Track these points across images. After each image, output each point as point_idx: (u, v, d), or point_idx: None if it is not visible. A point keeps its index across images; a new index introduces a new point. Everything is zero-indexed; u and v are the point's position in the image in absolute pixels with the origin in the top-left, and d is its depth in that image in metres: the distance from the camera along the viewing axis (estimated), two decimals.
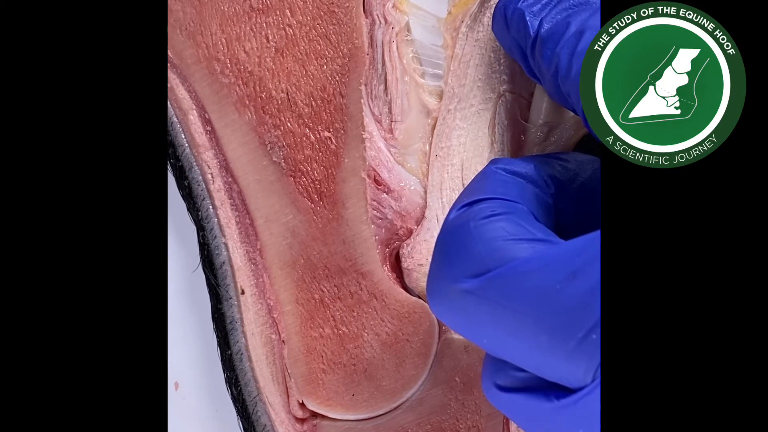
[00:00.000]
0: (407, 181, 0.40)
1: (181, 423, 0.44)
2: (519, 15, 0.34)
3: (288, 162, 0.40)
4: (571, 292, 0.26)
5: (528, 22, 0.33)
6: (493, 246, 0.29)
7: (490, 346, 0.30)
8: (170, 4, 0.40)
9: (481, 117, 0.39)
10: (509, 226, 0.29)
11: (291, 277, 0.40)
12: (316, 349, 0.40)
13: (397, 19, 0.40)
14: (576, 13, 0.32)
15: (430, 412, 0.40)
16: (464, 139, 0.39)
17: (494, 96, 0.39)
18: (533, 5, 0.34)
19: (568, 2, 0.33)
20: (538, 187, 0.32)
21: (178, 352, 0.43)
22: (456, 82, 0.39)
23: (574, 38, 0.31)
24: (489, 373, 0.31)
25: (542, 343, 0.27)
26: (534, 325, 0.27)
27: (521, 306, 0.28)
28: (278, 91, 0.40)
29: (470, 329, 0.30)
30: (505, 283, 0.28)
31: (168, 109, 0.41)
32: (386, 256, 0.40)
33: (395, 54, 0.39)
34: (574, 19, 0.32)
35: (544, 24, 0.33)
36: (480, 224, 0.30)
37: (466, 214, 0.31)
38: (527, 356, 0.28)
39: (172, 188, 0.42)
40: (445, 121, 0.39)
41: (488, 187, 0.32)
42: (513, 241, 0.29)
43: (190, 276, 0.43)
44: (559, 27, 0.32)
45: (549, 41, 0.32)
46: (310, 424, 0.41)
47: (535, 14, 0.34)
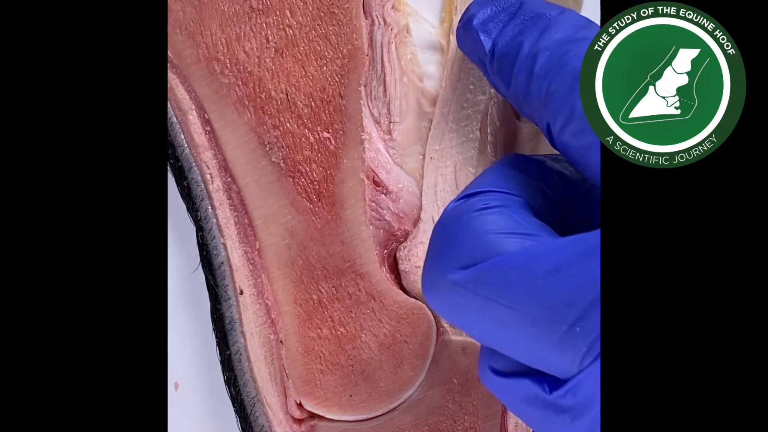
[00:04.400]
0: (405, 182, 0.40)
1: (180, 423, 0.43)
2: (474, 34, 0.34)
3: (287, 162, 0.40)
4: (555, 287, 0.27)
5: (483, 42, 0.34)
6: (483, 239, 0.29)
7: (479, 337, 0.30)
8: (170, 3, 0.40)
9: (472, 119, 0.39)
10: (501, 219, 0.30)
11: (289, 278, 0.40)
12: (314, 349, 0.40)
13: (396, 21, 0.40)
14: (528, 31, 0.32)
15: (428, 413, 0.40)
16: (456, 141, 0.39)
17: (485, 98, 0.39)
18: (486, 23, 0.34)
19: (519, 18, 0.33)
20: (544, 184, 0.32)
21: (178, 352, 0.43)
22: (449, 85, 0.39)
23: (530, 60, 0.31)
24: (485, 356, 0.31)
25: (529, 335, 0.28)
26: (520, 318, 0.28)
27: (507, 300, 0.28)
28: (278, 91, 0.40)
29: (460, 320, 0.30)
30: (492, 277, 0.29)
31: (168, 109, 0.41)
32: (384, 257, 0.40)
33: (394, 55, 0.40)
34: (526, 38, 0.32)
35: (498, 43, 0.33)
36: (472, 217, 0.30)
37: (461, 207, 0.31)
38: (515, 348, 0.29)
39: (171, 188, 0.42)
40: (438, 124, 0.39)
41: (489, 180, 0.32)
42: (503, 234, 0.29)
43: (189, 276, 0.43)
44: (513, 47, 0.32)
45: (504, 62, 0.33)
46: (308, 424, 0.41)
47: (488, 33, 0.34)
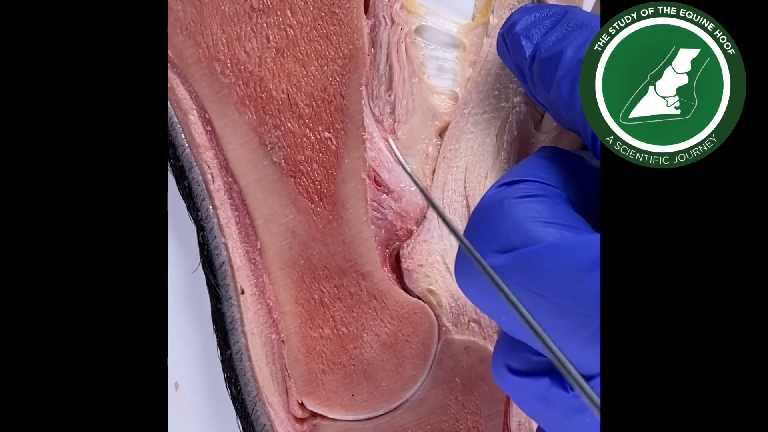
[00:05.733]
0: (407, 182, 0.40)
1: (181, 423, 0.44)
2: (516, 40, 0.34)
3: (288, 162, 0.40)
4: (591, 282, 0.27)
5: (524, 48, 0.33)
6: (523, 225, 0.29)
7: (507, 325, 0.30)
8: (170, 3, 0.40)
9: (492, 124, 0.39)
10: (542, 208, 0.30)
11: (291, 278, 0.40)
12: (315, 349, 0.40)
13: (406, 20, 0.40)
14: (572, 37, 0.32)
15: (430, 412, 0.40)
16: (472, 144, 0.39)
17: (508, 105, 0.39)
18: (529, 29, 0.33)
19: (564, 25, 0.33)
20: (581, 179, 0.32)
21: (178, 352, 0.43)
22: (474, 87, 0.39)
23: (574, 66, 0.31)
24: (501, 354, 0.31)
25: (558, 327, 0.27)
26: (552, 308, 0.28)
27: (541, 288, 0.28)
28: (279, 91, 0.40)
29: (489, 305, 0.30)
30: (529, 264, 0.28)
31: (168, 109, 0.41)
32: (386, 256, 0.40)
33: (403, 55, 0.40)
34: (570, 44, 0.32)
35: (541, 48, 0.33)
36: (513, 203, 0.30)
37: (502, 192, 0.31)
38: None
39: (172, 188, 0.42)
40: (457, 124, 0.39)
41: (530, 170, 0.32)
42: (542, 223, 0.29)
43: (190, 276, 0.43)
44: (556, 53, 0.32)
45: (546, 66, 0.32)
46: (310, 424, 0.41)
47: (530, 38, 0.33)
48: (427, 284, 0.40)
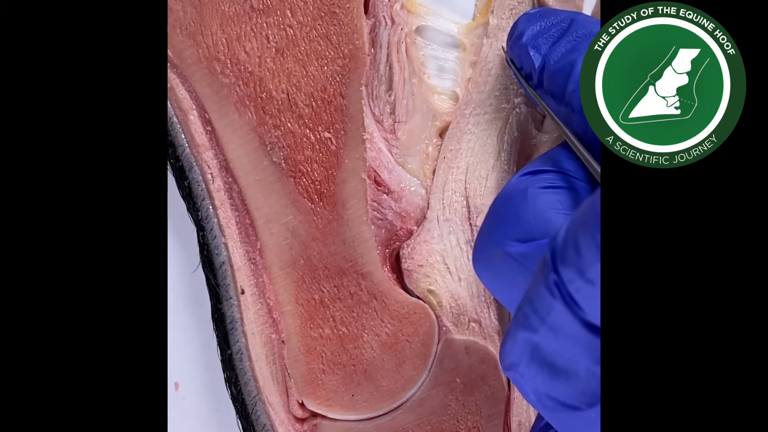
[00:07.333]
0: (407, 182, 0.40)
1: (181, 423, 0.44)
2: (524, 50, 0.33)
3: (288, 162, 0.40)
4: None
5: (532, 57, 0.33)
6: (545, 216, 0.29)
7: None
8: (170, 3, 0.40)
9: (492, 125, 0.39)
10: (564, 199, 0.29)
11: (291, 278, 0.40)
12: (315, 349, 0.40)
13: (406, 20, 0.40)
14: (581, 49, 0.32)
15: (431, 412, 0.40)
16: (473, 144, 0.39)
17: (509, 106, 0.39)
18: (536, 39, 0.33)
19: (572, 35, 0.32)
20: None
21: (178, 352, 0.43)
22: (475, 88, 0.39)
23: None
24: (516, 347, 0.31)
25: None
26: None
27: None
28: (279, 91, 0.40)
29: (504, 292, 0.30)
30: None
31: (168, 109, 0.41)
32: (386, 256, 0.40)
33: (403, 55, 0.40)
34: (580, 56, 0.31)
35: (550, 59, 0.32)
36: (537, 192, 0.30)
37: (526, 181, 0.31)
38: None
39: (172, 188, 0.42)
40: (458, 124, 0.39)
41: (554, 160, 0.32)
42: (564, 215, 0.29)
43: (190, 276, 0.43)
44: (566, 65, 0.32)
45: (557, 78, 0.32)
46: (310, 424, 0.41)
47: (538, 49, 0.33)
48: (427, 284, 0.40)
